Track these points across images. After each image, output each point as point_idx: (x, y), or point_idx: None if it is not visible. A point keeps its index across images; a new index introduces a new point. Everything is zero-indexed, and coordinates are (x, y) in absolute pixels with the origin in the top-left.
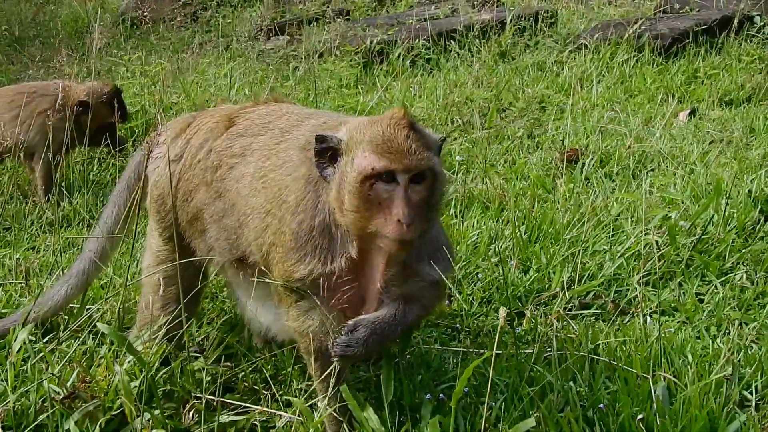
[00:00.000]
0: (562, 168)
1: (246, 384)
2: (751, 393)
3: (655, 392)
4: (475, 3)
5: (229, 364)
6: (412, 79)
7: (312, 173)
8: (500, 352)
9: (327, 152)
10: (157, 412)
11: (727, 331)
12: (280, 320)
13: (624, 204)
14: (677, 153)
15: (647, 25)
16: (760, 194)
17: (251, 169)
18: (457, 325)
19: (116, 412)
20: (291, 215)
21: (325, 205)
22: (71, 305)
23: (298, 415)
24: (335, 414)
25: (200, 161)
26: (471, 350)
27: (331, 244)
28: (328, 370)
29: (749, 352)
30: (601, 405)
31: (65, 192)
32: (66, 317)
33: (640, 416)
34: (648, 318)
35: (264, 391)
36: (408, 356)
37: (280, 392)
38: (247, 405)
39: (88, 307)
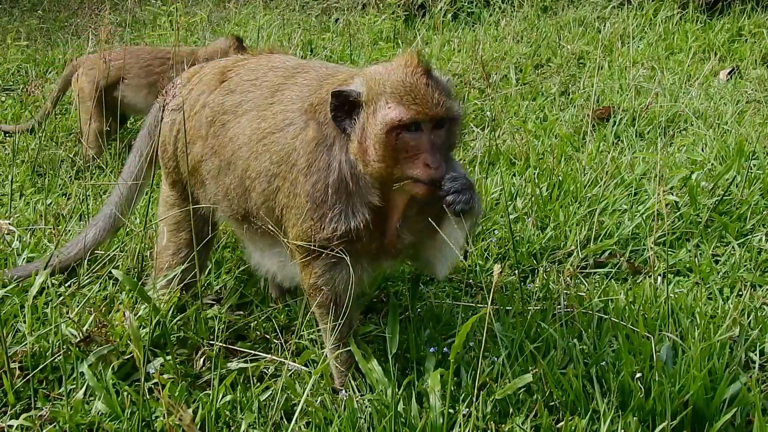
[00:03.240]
0: (592, 125)
1: (258, 333)
2: (757, 355)
3: (657, 351)
4: None
5: (241, 312)
6: (453, 33)
7: (322, 134)
8: (509, 308)
9: (344, 106)
10: (168, 357)
11: (740, 293)
12: (286, 268)
13: (649, 163)
14: (711, 112)
15: None
16: None
17: (247, 131)
18: (470, 281)
19: (129, 356)
20: (304, 177)
21: (339, 163)
22: (96, 251)
23: (305, 365)
24: (340, 365)
25: (196, 113)
26: (481, 305)
27: (349, 200)
28: (338, 322)
29: (759, 315)
30: (603, 362)
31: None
32: (88, 263)
33: (638, 375)
34: (661, 278)
35: (275, 341)
36: (418, 310)
37: (291, 342)
38: (256, 353)
39: (108, 253)
